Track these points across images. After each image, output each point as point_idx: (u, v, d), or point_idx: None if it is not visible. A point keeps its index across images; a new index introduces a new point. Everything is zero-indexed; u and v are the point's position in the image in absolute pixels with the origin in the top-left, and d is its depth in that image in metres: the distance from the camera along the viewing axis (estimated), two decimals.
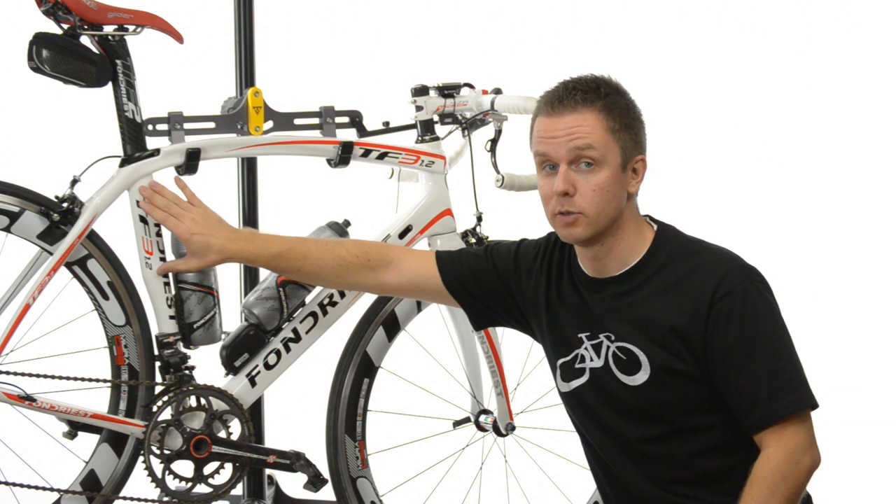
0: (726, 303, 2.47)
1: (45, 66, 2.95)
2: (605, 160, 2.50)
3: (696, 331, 2.48)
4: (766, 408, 2.45)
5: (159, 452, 3.02)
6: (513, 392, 3.33)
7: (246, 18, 3.44)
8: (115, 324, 3.04)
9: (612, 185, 2.51)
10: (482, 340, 3.29)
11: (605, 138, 2.50)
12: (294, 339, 3.15)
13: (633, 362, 2.53)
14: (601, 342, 2.58)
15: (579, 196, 2.50)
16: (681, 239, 2.59)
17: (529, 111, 3.16)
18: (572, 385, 2.63)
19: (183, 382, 3.04)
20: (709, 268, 2.51)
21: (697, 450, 2.53)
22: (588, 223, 2.51)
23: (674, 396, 2.51)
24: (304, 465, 3.13)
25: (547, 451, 3.36)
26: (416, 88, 3.27)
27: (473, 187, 3.31)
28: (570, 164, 2.50)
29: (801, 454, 2.44)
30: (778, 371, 2.45)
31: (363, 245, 2.86)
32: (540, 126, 2.56)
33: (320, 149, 3.18)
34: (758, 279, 2.51)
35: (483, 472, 3.40)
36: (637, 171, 2.55)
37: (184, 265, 2.91)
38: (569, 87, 2.54)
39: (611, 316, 2.56)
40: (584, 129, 2.50)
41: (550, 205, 2.54)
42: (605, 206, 2.51)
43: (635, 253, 2.56)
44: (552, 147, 2.52)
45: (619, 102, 2.53)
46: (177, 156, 3.04)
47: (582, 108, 2.51)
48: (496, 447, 3.39)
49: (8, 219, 2.94)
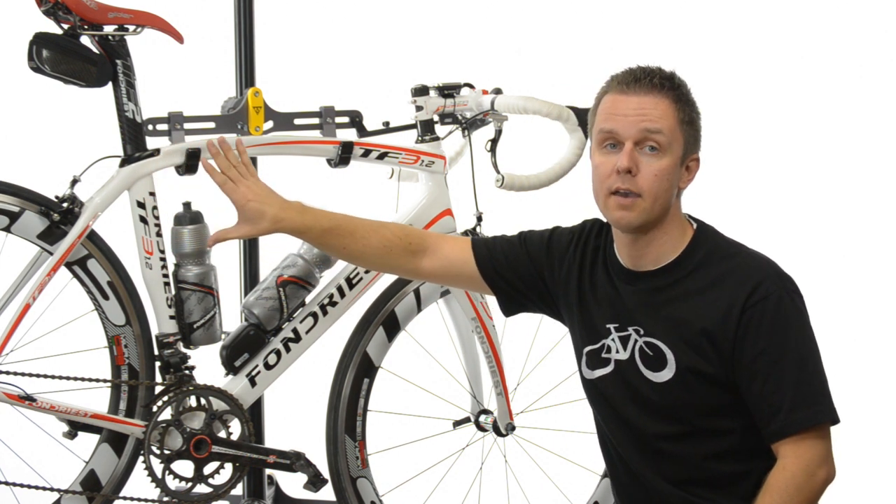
0: (758, 309, 2.45)
1: (45, 66, 2.95)
2: (670, 149, 2.48)
3: (726, 334, 2.47)
4: (787, 418, 2.44)
5: (159, 452, 3.02)
6: (513, 392, 3.33)
7: (246, 18, 3.44)
8: (115, 324, 3.04)
9: (671, 175, 2.49)
10: (482, 340, 3.29)
11: (674, 127, 2.49)
12: (294, 339, 3.15)
13: (660, 359, 2.53)
14: (629, 335, 2.57)
15: (641, 177, 2.47)
16: (719, 240, 2.57)
17: (529, 111, 3.17)
18: (596, 374, 2.62)
19: (183, 382, 3.04)
20: (745, 272, 2.49)
21: (713, 452, 2.52)
22: (643, 209, 2.48)
23: (696, 398, 2.50)
24: (304, 465, 3.13)
25: (547, 451, 3.36)
26: (416, 88, 3.27)
27: (473, 187, 3.31)
28: (636, 145, 2.48)
29: (817, 467, 2.43)
30: (803, 382, 2.44)
31: (405, 228, 2.83)
32: (609, 103, 2.52)
33: (320, 149, 3.18)
34: (792, 289, 2.49)
35: (483, 472, 3.40)
36: (690, 170, 2.54)
37: (235, 232, 2.82)
38: (645, 70, 2.52)
39: (642, 310, 2.55)
40: (656, 112, 2.48)
41: (607, 182, 2.50)
42: (663, 193, 2.49)
43: (674, 249, 2.54)
44: (621, 125, 2.49)
45: (689, 97, 2.53)
46: (177, 156, 3.04)
47: (657, 93, 2.49)
48: (496, 447, 3.39)
49: (8, 219, 2.94)
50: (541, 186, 3.22)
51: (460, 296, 3.26)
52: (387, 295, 3.25)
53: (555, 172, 3.22)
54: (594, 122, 2.56)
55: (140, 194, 3.03)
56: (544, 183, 3.22)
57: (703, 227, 2.59)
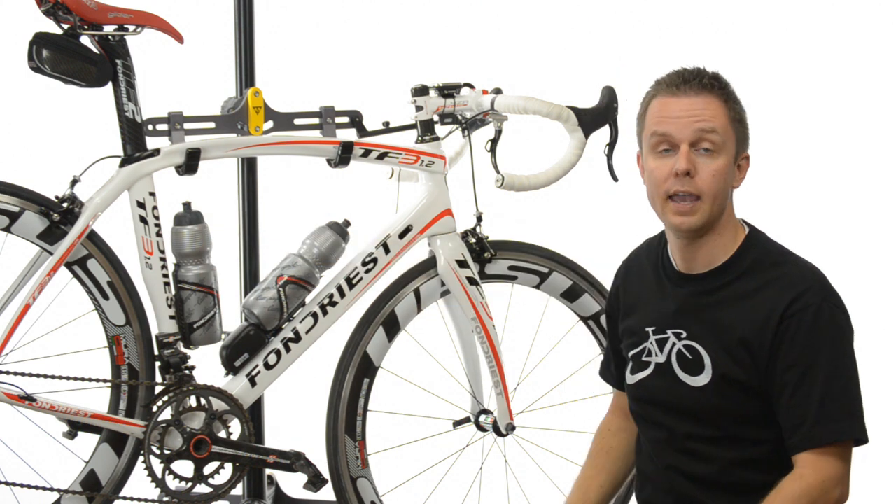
0: (796, 319, 2.43)
1: (45, 66, 2.95)
2: (725, 147, 2.47)
3: (763, 342, 2.45)
4: (809, 431, 2.42)
5: (159, 452, 3.02)
6: (513, 392, 3.33)
7: (246, 18, 3.44)
8: (115, 324, 3.04)
9: (728, 174, 2.48)
10: (482, 340, 3.29)
11: (727, 126, 2.48)
12: (294, 339, 3.15)
13: (697, 363, 2.51)
14: (667, 338, 2.56)
15: (699, 178, 2.46)
16: (769, 247, 2.55)
17: (529, 111, 3.17)
18: (636, 377, 2.62)
19: (183, 382, 3.04)
20: (789, 281, 2.47)
21: (743, 459, 2.50)
22: (704, 211, 2.46)
23: (730, 405, 2.49)
24: (304, 465, 3.13)
25: (547, 451, 3.36)
26: (416, 88, 3.26)
27: (473, 187, 3.31)
28: (691, 147, 2.47)
29: (833, 486, 2.41)
30: (829, 398, 2.42)
31: (606, 439, 2.80)
32: (659, 106, 2.50)
33: (320, 149, 3.18)
34: (835, 303, 2.47)
35: (483, 472, 3.39)
36: (741, 168, 2.53)
37: None
38: (692, 71, 2.51)
39: (687, 313, 2.54)
40: (708, 112, 2.47)
41: (665, 186, 2.48)
42: (721, 193, 2.47)
43: (726, 252, 2.53)
44: (676, 127, 2.47)
45: (735, 95, 2.52)
46: (177, 156, 3.04)
47: (707, 93, 2.48)
48: (496, 447, 3.39)
49: (8, 219, 2.94)
50: (540, 186, 3.22)
51: (460, 296, 3.26)
52: (387, 295, 3.25)
53: (555, 172, 3.22)
54: (644, 127, 2.54)
55: (140, 194, 3.03)
56: (544, 183, 3.22)
57: (754, 233, 2.57)
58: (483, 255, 3.31)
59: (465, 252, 3.27)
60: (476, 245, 3.30)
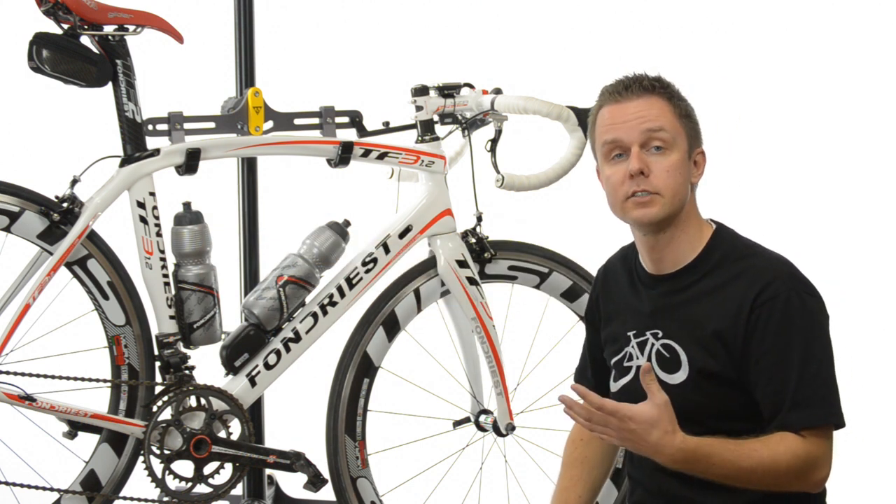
0: (766, 308, 2.45)
1: (45, 66, 2.95)
2: (675, 143, 2.50)
3: (736, 333, 2.47)
4: (784, 418, 2.43)
5: (159, 452, 3.02)
6: (513, 392, 3.33)
7: (246, 18, 3.44)
8: (115, 324, 3.04)
9: (682, 169, 2.51)
10: (482, 340, 3.29)
11: (674, 122, 2.51)
12: (294, 339, 3.15)
13: (675, 361, 2.52)
14: (647, 339, 2.57)
15: (654, 176, 2.49)
16: (736, 242, 2.57)
17: (529, 111, 3.17)
18: (619, 384, 2.62)
19: (183, 382, 3.04)
20: (757, 272, 2.49)
21: None
22: (663, 203, 2.49)
23: (710, 401, 2.49)
24: (304, 465, 3.13)
25: (547, 451, 3.36)
26: (416, 88, 3.27)
27: (473, 187, 3.31)
28: (642, 148, 2.50)
29: (821, 463, 2.43)
30: (802, 384, 2.43)
31: (580, 449, 2.76)
32: (606, 115, 2.54)
33: (320, 149, 3.18)
34: (805, 290, 2.48)
35: (483, 472, 3.40)
36: (698, 164, 2.56)
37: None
38: (633, 77, 2.55)
39: (661, 313, 2.56)
40: (654, 111, 2.50)
41: (622, 189, 2.51)
42: (679, 188, 2.50)
43: (693, 249, 2.55)
44: (623, 131, 2.51)
45: (679, 93, 2.55)
46: (177, 156, 3.05)
47: (648, 95, 2.51)
48: (496, 447, 3.39)
49: (8, 219, 2.94)
50: (541, 186, 3.23)
51: (460, 296, 3.26)
52: (387, 295, 3.25)
53: (555, 172, 3.22)
54: (595, 138, 2.57)
55: (140, 194, 3.03)
56: (544, 183, 3.22)
57: (721, 229, 2.59)
58: (483, 255, 3.31)
59: (465, 252, 3.27)
60: (476, 245, 3.30)
